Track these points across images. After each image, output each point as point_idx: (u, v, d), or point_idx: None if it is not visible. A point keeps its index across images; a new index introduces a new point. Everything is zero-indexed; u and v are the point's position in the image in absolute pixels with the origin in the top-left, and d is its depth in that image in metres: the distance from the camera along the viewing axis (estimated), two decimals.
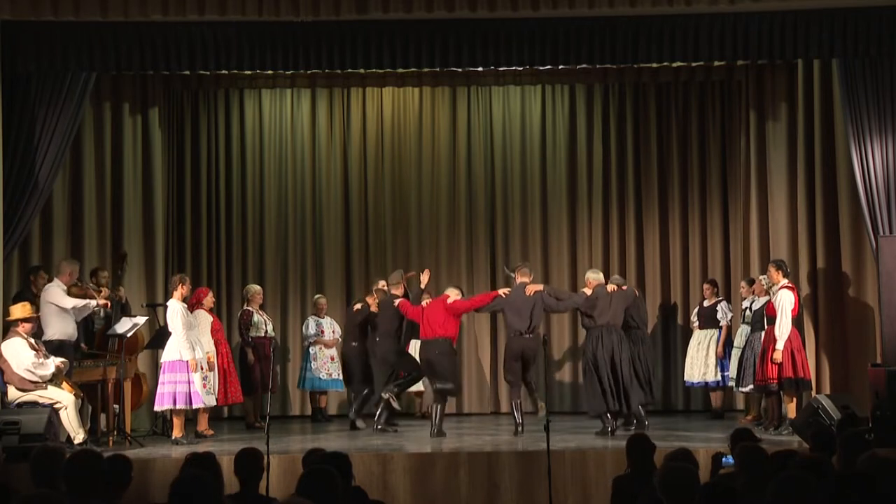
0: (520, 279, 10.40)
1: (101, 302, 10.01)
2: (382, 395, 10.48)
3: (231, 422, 11.91)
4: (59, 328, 9.73)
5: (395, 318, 10.69)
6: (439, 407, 10.20)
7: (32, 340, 9.33)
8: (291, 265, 12.72)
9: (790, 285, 10.19)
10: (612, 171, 12.76)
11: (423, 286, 10.63)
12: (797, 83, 11.17)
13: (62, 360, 9.35)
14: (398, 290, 10.79)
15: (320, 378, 11.80)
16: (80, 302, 9.78)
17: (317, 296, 12.19)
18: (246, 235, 12.71)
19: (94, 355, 10.22)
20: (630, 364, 10.22)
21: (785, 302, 9.99)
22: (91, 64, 9.87)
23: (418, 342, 11.59)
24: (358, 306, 11.13)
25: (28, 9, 9.39)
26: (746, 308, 11.15)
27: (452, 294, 10.42)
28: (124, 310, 10.62)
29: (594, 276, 10.52)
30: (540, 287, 10.40)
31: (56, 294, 9.70)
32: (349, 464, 5.51)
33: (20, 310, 9.38)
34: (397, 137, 12.86)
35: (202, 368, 9.89)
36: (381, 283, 11.11)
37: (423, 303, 10.41)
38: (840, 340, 10.76)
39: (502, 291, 10.46)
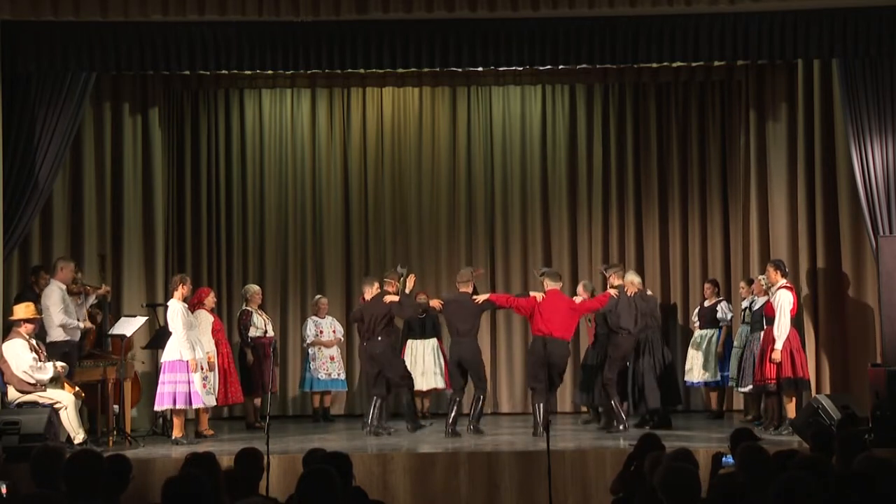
0: (618, 281, 10.56)
1: (87, 324, 10.04)
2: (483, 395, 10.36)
3: (231, 422, 11.90)
4: (62, 330, 9.72)
5: (475, 316, 10.38)
6: (542, 406, 10.02)
7: (34, 341, 9.33)
8: (291, 265, 12.72)
9: (789, 285, 10.19)
10: (612, 171, 12.75)
11: (407, 291, 10.48)
12: (797, 83, 11.17)
13: (62, 364, 9.35)
14: (467, 288, 10.42)
15: (319, 378, 11.80)
16: (68, 323, 9.70)
17: (317, 296, 12.18)
18: (246, 235, 12.71)
19: (90, 356, 10.22)
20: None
21: (783, 302, 9.99)
22: (91, 64, 9.87)
23: (416, 342, 11.59)
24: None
25: (28, 9, 9.39)
26: (746, 308, 11.15)
27: (554, 284, 10.32)
28: (110, 309, 10.61)
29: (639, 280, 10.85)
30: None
31: (52, 300, 9.66)
32: (349, 464, 5.51)
33: (24, 310, 9.37)
34: (397, 137, 12.85)
35: (202, 368, 9.89)
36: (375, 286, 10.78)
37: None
38: (840, 340, 10.76)
39: (613, 292, 10.45)
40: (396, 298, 10.31)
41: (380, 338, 10.31)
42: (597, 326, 10.96)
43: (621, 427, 10.12)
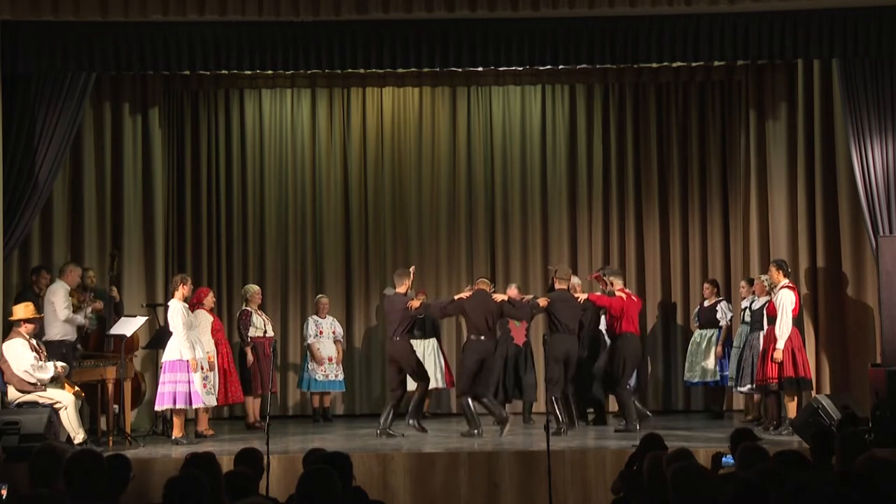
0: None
1: (97, 306, 10.05)
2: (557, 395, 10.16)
3: (231, 422, 11.90)
4: (61, 329, 9.76)
5: (577, 313, 10.44)
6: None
7: (34, 341, 9.33)
8: (291, 265, 12.71)
9: (791, 285, 10.20)
10: (612, 171, 12.74)
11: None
12: (797, 83, 11.18)
13: (62, 364, 9.35)
14: (565, 285, 10.44)
15: (317, 379, 11.78)
16: (72, 318, 9.80)
17: (318, 296, 12.17)
18: (246, 235, 12.70)
19: (90, 356, 10.22)
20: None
21: (785, 301, 9.99)
22: (91, 64, 9.86)
23: (415, 342, 11.54)
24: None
25: (28, 9, 9.38)
26: (746, 308, 11.15)
27: (622, 283, 10.82)
28: (117, 309, 10.62)
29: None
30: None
31: (59, 297, 9.69)
32: (349, 464, 5.50)
33: (24, 310, 9.37)
34: (397, 137, 12.85)
35: (202, 368, 9.89)
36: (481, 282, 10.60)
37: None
38: (840, 340, 10.76)
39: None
40: (506, 297, 10.37)
41: (483, 336, 10.16)
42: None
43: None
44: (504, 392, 11.10)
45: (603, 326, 11.10)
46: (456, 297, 10.36)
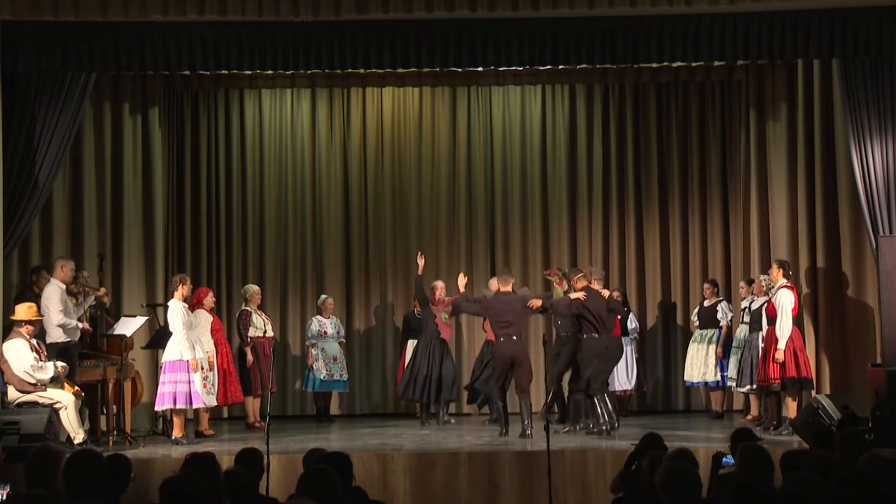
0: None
1: (84, 326, 9.98)
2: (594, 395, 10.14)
3: (231, 422, 11.90)
4: (62, 330, 9.70)
5: (607, 311, 10.40)
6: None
7: (34, 342, 9.32)
8: (291, 265, 12.71)
9: (789, 285, 10.20)
10: (612, 170, 12.75)
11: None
12: (797, 83, 11.18)
13: (62, 364, 9.34)
14: (600, 285, 10.37)
15: (321, 379, 11.79)
16: (66, 323, 9.66)
17: (323, 296, 12.14)
18: (246, 235, 12.70)
19: (91, 356, 10.21)
20: None
21: (785, 301, 9.99)
22: (91, 64, 9.86)
23: (416, 342, 11.54)
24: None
25: (28, 9, 9.38)
26: (745, 308, 11.15)
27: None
28: (107, 311, 10.61)
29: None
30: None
31: (53, 301, 9.64)
32: (349, 464, 5.51)
33: (26, 311, 9.34)
34: (397, 137, 12.85)
35: (202, 368, 9.89)
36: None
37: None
38: (840, 340, 10.77)
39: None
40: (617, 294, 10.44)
41: (605, 333, 10.19)
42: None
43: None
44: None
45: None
46: (573, 297, 10.21)
